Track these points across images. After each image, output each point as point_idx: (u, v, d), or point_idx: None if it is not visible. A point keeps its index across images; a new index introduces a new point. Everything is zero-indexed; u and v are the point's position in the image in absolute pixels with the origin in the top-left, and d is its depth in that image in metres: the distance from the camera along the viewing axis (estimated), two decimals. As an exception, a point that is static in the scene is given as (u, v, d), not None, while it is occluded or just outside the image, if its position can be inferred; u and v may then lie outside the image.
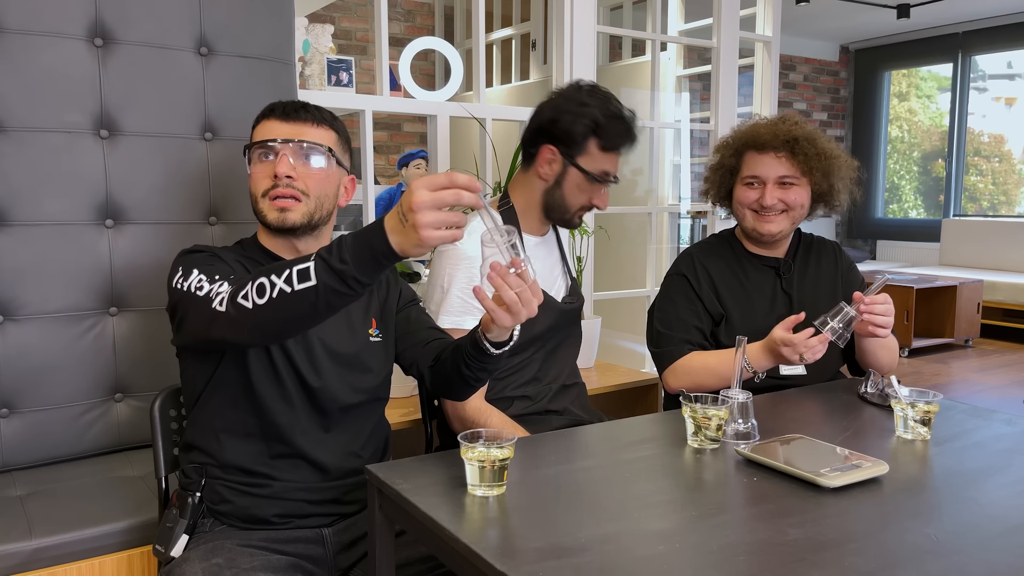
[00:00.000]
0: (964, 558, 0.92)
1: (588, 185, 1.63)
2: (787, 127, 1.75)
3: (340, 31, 5.46)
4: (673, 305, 1.80)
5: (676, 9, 4.11)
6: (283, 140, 1.32)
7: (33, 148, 1.67)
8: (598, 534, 0.97)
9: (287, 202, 1.32)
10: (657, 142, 3.44)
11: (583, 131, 1.60)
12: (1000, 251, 6.65)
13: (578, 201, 1.65)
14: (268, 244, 1.40)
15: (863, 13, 6.77)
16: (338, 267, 1.04)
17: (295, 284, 1.07)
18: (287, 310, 1.09)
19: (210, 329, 1.18)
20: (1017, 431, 1.40)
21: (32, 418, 1.70)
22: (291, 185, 1.32)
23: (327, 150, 1.35)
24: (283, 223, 1.33)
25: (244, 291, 1.12)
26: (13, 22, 1.63)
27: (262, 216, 1.34)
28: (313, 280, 1.06)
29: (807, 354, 1.53)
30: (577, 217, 1.67)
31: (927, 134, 7.80)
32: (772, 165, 1.74)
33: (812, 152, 1.72)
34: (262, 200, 1.33)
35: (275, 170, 1.31)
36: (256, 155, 1.34)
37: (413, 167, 4.15)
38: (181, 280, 1.25)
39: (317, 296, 1.06)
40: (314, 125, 1.36)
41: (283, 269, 1.09)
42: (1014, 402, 4.26)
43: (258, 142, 1.34)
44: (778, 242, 1.82)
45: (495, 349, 1.24)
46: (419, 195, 0.98)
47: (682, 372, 1.72)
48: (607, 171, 1.63)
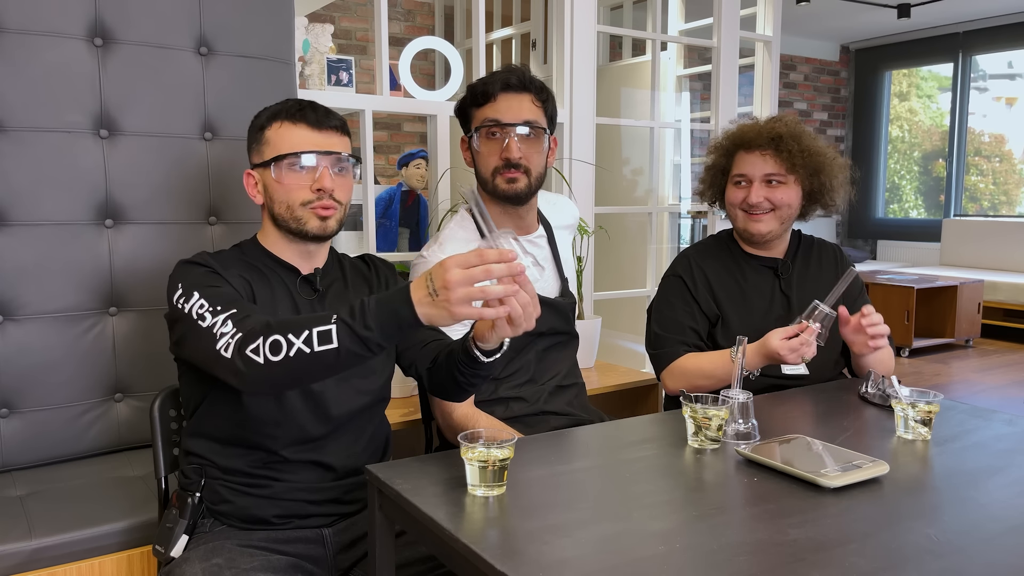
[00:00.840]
0: (964, 558, 0.92)
1: (487, 144, 1.64)
2: (772, 125, 1.76)
3: (340, 31, 5.46)
4: (669, 307, 1.81)
5: (676, 9, 4.11)
6: (324, 152, 1.34)
7: (33, 148, 1.67)
8: (598, 534, 0.97)
9: (329, 212, 1.35)
10: (657, 142, 3.44)
11: (461, 107, 1.69)
12: (1001, 251, 6.65)
13: (488, 164, 1.64)
14: (274, 247, 1.40)
15: (863, 13, 6.77)
16: (363, 334, 1.07)
17: (315, 346, 1.09)
18: (302, 369, 1.11)
19: (213, 367, 1.18)
20: (1017, 431, 1.40)
21: (32, 418, 1.70)
22: (332, 197, 1.35)
23: (355, 161, 1.39)
24: (325, 231, 1.36)
25: (255, 344, 1.12)
26: (13, 22, 1.63)
27: (299, 224, 1.34)
28: (335, 344, 1.08)
29: (807, 353, 1.55)
30: (502, 180, 1.63)
31: (928, 134, 7.80)
32: (758, 163, 1.75)
33: (796, 149, 1.72)
34: (300, 209, 1.34)
35: (320, 184, 1.33)
36: (288, 162, 1.34)
37: (413, 167, 4.14)
38: (182, 300, 1.25)
39: (337, 359, 1.09)
40: (340, 134, 1.38)
41: (301, 329, 1.10)
42: (1014, 402, 4.26)
43: (295, 153, 1.33)
44: (774, 243, 1.82)
45: (486, 358, 1.24)
46: (453, 273, 1.02)
47: (678, 374, 1.73)
48: (487, 117, 1.63)
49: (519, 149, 1.60)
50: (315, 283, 1.40)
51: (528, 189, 1.64)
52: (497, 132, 1.62)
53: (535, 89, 1.64)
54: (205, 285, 1.26)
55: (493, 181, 1.63)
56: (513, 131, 1.60)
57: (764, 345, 1.58)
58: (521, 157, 1.61)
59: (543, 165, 1.67)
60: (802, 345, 1.53)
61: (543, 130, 1.64)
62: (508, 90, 1.61)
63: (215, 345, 1.16)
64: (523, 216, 1.72)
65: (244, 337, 1.14)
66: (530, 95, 1.63)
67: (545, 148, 1.67)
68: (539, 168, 1.65)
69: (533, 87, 1.63)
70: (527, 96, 1.62)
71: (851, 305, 1.86)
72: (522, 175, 1.62)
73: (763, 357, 1.60)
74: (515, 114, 1.61)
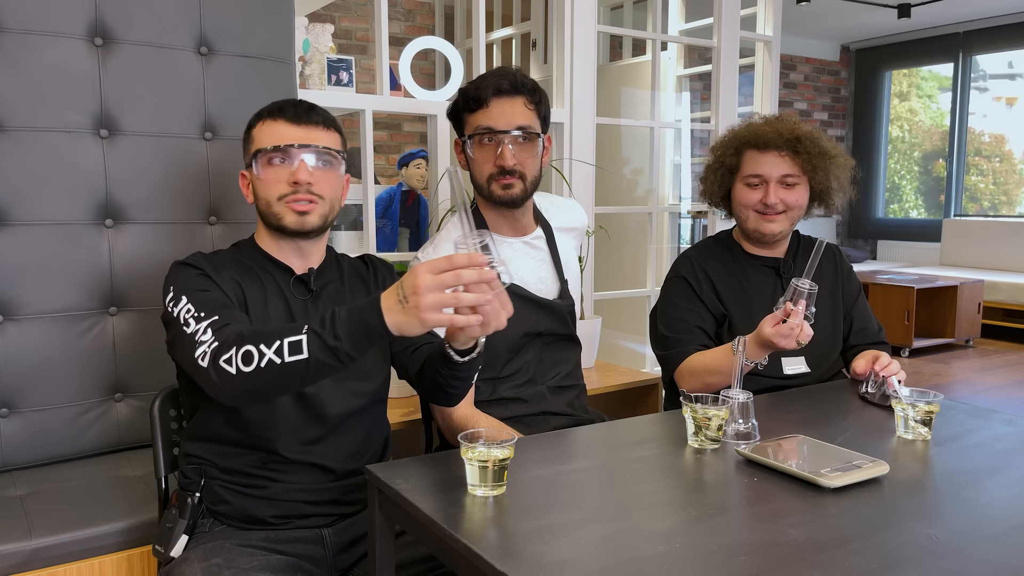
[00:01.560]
0: (965, 558, 0.92)
1: (481, 150, 1.63)
2: (789, 126, 1.75)
3: (340, 30, 5.46)
4: (675, 308, 1.80)
5: (677, 9, 4.11)
6: (300, 145, 1.32)
7: (33, 148, 1.67)
8: (598, 534, 0.97)
9: (306, 205, 1.32)
10: (657, 142, 3.44)
11: (454, 111, 1.67)
12: (1001, 251, 6.65)
13: (483, 170, 1.63)
14: (268, 247, 1.39)
15: (864, 13, 6.77)
16: (331, 344, 1.06)
17: (285, 356, 1.09)
18: (274, 380, 1.11)
19: (194, 375, 1.19)
20: (1018, 431, 1.40)
21: (32, 418, 1.70)
22: (310, 191, 1.32)
23: (339, 154, 1.36)
24: (303, 226, 1.33)
25: (228, 354, 1.12)
26: (13, 21, 1.63)
27: (277, 219, 1.34)
28: (305, 354, 1.08)
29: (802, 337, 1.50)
30: (497, 187, 1.62)
31: (928, 134, 7.80)
32: (775, 164, 1.73)
33: (815, 151, 1.71)
34: (277, 204, 1.33)
35: (295, 176, 1.31)
36: (266, 158, 1.33)
37: (413, 167, 4.14)
38: (172, 304, 1.26)
39: (307, 369, 1.09)
40: (324, 128, 1.36)
41: (272, 339, 1.09)
42: (1015, 402, 4.26)
43: (273, 147, 1.33)
44: (777, 242, 1.82)
45: (460, 357, 1.23)
46: (423, 279, 1.00)
47: (688, 374, 1.72)
48: (480, 125, 1.62)
49: (513, 156, 1.60)
50: (309, 283, 1.40)
51: (524, 194, 1.64)
52: (490, 139, 1.61)
53: (527, 91, 1.62)
54: (194, 289, 1.27)
55: (488, 187, 1.63)
56: (506, 138, 1.60)
57: (758, 335, 1.56)
58: (516, 164, 1.60)
59: (538, 168, 1.67)
60: (792, 329, 1.50)
61: (536, 134, 1.64)
62: (500, 95, 1.60)
63: (194, 353, 1.17)
64: (518, 218, 1.71)
65: (219, 347, 1.14)
66: (523, 98, 1.61)
67: (539, 151, 1.66)
68: (534, 172, 1.65)
69: (525, 90, 1.62)
70: (519, 100, 1.61)
71: (850, 307, 1.86)
72: (517, 180, 1.62)
73: (761, 347, 1.58)
74: (508, 120, 1.60)
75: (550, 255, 1.77)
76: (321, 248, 1.43)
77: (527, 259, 1.74)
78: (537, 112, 1.64)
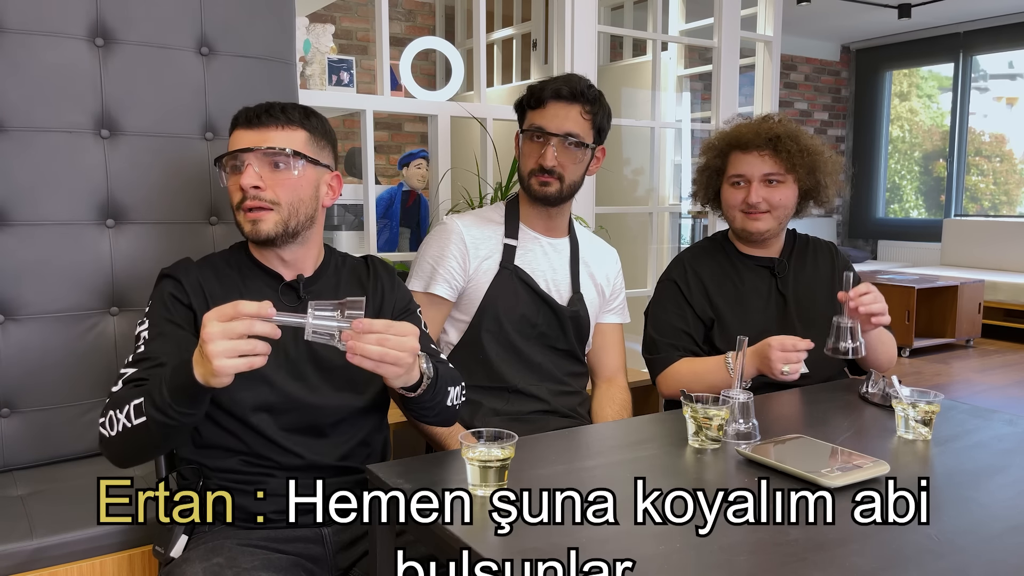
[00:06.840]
0: (965, 558, 0.92)
1: (529, 146, 1.70)
2: (768, 125, 1.76)
3: (341, 31, 5.46)
4: (664, 311, 1.82)
5: (677, 9, 4.11)
6: (244, 149, 1.28)
7: (34, 148, 1.67)
8: (598, 534, 0.97)
9: (258, 213, 1.28)
10: (658, 142, 3.44)
11: (519, 106, 1.76)
12: (1001, 251, 6.64)
13: (527, 165, 1.70)
14: (255, 253, 1.38)
15: (864, 13, 6.77)
16: (159, 403, 1.08)
17: (132, 420, 1.12)
18: (133, 443, 1.15)
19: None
20: (1018, 431, 1.40)
21: (33, 418, 1.70)
22: (258, 196, 1.27)
23: (293, 153, 1.28)
24: (256, 235, 1.29)
25: (101, 419, 1.16)
26: (14, 22, 1.63)
27: (240, 229, 1.32)
28: (144, 416, 1.10)
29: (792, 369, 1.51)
30: (535, 182, 1.69)
31: (928, 134, 7.80)
32: (756, 163, 1.75)
33: (795, 149, 1.73)
34: (238, 213, 1.31)
35: (240, 182, 1.27)
36: (228, 167, 1.32)
37: (414, 167, 4.15)
38: (140, 322, 1.30)
39: (149, 431, 1.11)
40: (280, 128, 1.30)
41: (124, 404, 1.13)
42: (1015, 402, 4.26)
43: (225, 154, 1.31)
44: (770, 241, 1.82)
45: (409, 393, 1.23)
46: (210, 328, 1.00)
47: (672, 379, 1.74)
48: (533, 123, 1.68)
49: (555, 158, 1.66)
50: (299, 291, 1.37)
51: (559, 194, 1.69)
52: (539, 138, 1.67)
53: (586, 102, 1.66)
54: (156, 319, 1.28)
55: (528, 181, 1.70)
56: (553, 140, 1.65)
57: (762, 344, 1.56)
58: (556, 165, 1.66)
59: (580, 174, 1.72)
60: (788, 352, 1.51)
61: (585, 144, 1.68)
62: (558, 99, 1.66)
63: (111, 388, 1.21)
64: (552, 217, 1.76)
65: (104, 408, 1.18)
66: (579, 107, 1.66)
67: (585, 159, 1.71)
68: (573, 176, 1.70)
69: (584, 100, 1.66)
70: (576, 107, 1.66)
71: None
72: (555, 180, 1.67)
73: (757, 357, 1.57)
74: (559, 124, 1.65)
75: (569, 265, 1.78)
76: (310, 253, 1.38)
77: (545, 255, 1.76)
78: (592, 123, 1.68)
